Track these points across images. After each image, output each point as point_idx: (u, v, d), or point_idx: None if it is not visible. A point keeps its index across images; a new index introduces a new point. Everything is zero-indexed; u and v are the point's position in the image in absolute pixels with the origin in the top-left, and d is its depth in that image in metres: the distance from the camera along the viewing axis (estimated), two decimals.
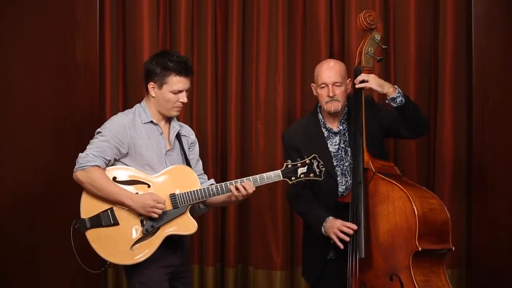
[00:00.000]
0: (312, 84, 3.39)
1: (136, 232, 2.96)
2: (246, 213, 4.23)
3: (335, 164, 3.31)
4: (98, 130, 3.05)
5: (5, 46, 3.95)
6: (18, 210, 3.93)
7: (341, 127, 3.35)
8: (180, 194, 3.00)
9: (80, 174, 2.95)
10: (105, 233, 2.95)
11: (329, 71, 3.28)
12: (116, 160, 3.04)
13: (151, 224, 2.96)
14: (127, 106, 3.92)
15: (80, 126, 3.92)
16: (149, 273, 2.97)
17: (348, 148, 3.32)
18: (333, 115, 3.33)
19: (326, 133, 3.35)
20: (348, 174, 3.30)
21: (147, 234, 2.96)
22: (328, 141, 3.34)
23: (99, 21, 4.02)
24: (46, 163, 3.95)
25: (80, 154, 2.98)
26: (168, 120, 3.15)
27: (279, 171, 3.04)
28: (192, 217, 3.02)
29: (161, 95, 3.06)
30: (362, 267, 3.10)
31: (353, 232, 3.11)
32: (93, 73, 3.98)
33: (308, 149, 3.16)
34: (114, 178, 2.99)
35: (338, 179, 3.31)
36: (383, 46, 3.32)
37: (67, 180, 3.12)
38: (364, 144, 3.19)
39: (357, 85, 3.24)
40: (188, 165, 3.12)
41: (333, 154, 3.32)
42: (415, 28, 4.04)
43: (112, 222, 2.95)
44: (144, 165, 3.04)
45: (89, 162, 2.94)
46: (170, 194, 3.00)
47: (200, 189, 3.01)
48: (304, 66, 4.18)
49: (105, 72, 4.18)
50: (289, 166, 3.04)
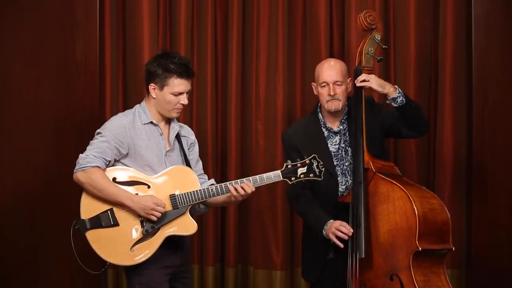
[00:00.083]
0: (313, 83, 3.39)
1: (136, 233, 2.96)
2: (246, 213, 4.23)
3: (335, 164, 3.31)
4: (98, 131, 3.05)
5: (5, 46, 3.95)
6: (18, 210, 3.93)
7: (342, 127, 3.35)
8: (180, 195, 3.00)
9: (80, 175, 2.95)
10: (105, 234, 2.94)
11: (330, 70, 3.28)
12: (116, 161, 3.03)
13: (151, 225, 2.96)
14: (127, 106, 3.93)
15: (80, 126, 3.92)
16: (150, 274, 2.97)
17: (349, 148, 3.32)
18: (334, 115, 3.33)
19: (326, 133, 3.35)
20: (348, 174, 3.30)
21: (147, 235, 2.96)
22: (328, 141, 3.34)
23: (99, 21, 4.02)
24: (46, 163, 3.95)
25: (80, 155, 2.97)
26: (168, 121, 3.15)
27: (279, 172, 3.03)
28: (192, 217, 3.02)
29: (162, 97, 3.05)
30: (362, 267, 3.09)
31: (353, 233, 3.11)
32: (93, 73, 3.98)
33: (308, 149, 3.16)
34: (114, 179, 2.98)
35: (339, 179, 3.30)
36: (383, 46, 3.32)
37: (67, 180, 3.11)
38: (365, 144, 3.19)
39: (358, 84, 3.24)
40: (188, 166, 3.12)
41: (333, 154, 3.32)
42: (415, 28, 4.04)
43: (112, 223, 2.95)
44: (144, 166, 3.03)
45: (89, 163, 2.94)
46: (170, 195, 2.99)
47: (200, 190, 3.00)
48: (304, 66, 4.18)
49: (105, 72, 4.18)
50: (289, 167, 3.03)
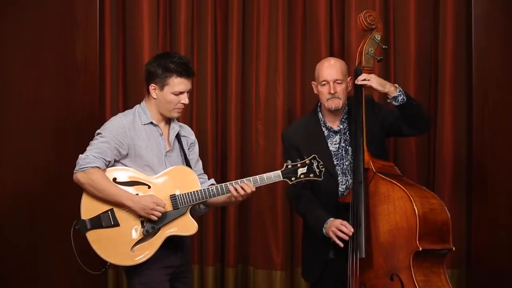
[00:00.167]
0: (313, 82, 3.39)
1: (137, 233, 2.96)
2: (246, 213, 4.22)
3: (335, 163, 3.31)
4: (98, 131, 3.05)
5: (5, 46, 3.95)
6: (18, 210, 3.93)
7: (342, 126, 3.35)
8: (181, 195, 2.99)
9: (80, 176, 2.94)
10: (106, 234, 2.94)
11: (330, 69, 3.28)
12: (116, 161, 3.03)
13: (152, 225, 2.96)
14: (127, 106, 3.93)
15: (80, 126, 3.92)
16: (150, 274, 2.97)
17: (349, 147, 3.32)
18: (334, 114, 3.33)
19: (326, 132, 3.35)
20: (349, 173, 3.30)
21: (148, 235, 2.95)
22: (328, 140, 3.34)
23: (99, 21, 4.01)
24: (46, 163, 3.95)
25: (80, 156, 2.97)
26: (168, 121, 3.14)
27: (279, 172, 3.03)
28: (192, 218, 3.02)
29: (163, 97, 3.05)
30: (362, 267, 3.09)
31: (353, 232, 3.11)
32: (93, 73, 3.98)
33: (308, 148, 3.16)
34: (114, 179, 2.98)
35: (339, 179, 3.30)
36: (383, 46, 3.32)
37: (67, 180, 3.11)
38: (365, 144, 3.19)
39: (359, 83, 3.24)
40: (188, 166, 3.12)
41: (333, 153, 3.32)
42: (415, 28, 4.04)
43: (113, 223, 2.95)
44: (144, 166, 3.03)
45: (89, 164, 2.93)
46: (171, 195, 2.99)
47: (200, 190, 3.00)
48: (304, 66, 4.18)
49: (105, 72, 4.18)
50: (289, 167, 3.03)
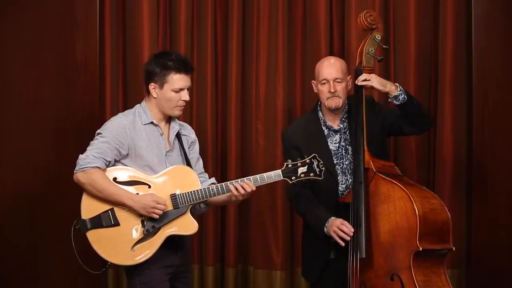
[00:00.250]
0: (313, 81, 3.39)
1: (137, 233, 2.96)
2: (246, 213, 4.22)
3: (335, 163, 3.31)
4: (98, 131, 3.05)
5: (5, 46, 3.95)
6: (18, 210, 3.93)
7: (342, 125, 3.35)
8: (181, 194, 2.99)
9: (81, 176, 2.94)
10: (106, 234, 2.94)
11: (330, 68, 3.28)
12: (116, 161, 3.03)
13: (152, 225, 2.96)
14: (127, 106, 3.93)
15: (80, 126, 3.92)
16: (150, 274, 2.97)
17: (349, 147, 3.31)
18: (334, 113, 3.33)
19: (326, 131, 3.35)
20: (349, 173, 3.30)
21: (148, 235, 2.95)
22: (328, 139, 3.34)
23: (99, 21, 4.02)
24: (46, 163, 3.95)
25: (80, 156, 2.97)
26: (168, 121, 3.14)
27: (279, 171, 3.03)
28: (193, 217, 3.02)
29: (163, 95, 3.05)
30: (363, 267, 3.09)
31: (354, 232, 3.10)
32: (93, 73, 3.98)
33: (308, 148, 3.16)
34: (115, 179, 2.98)
35: (339, 178, 3.30)
36: (384, 46, 3.32)
37: (67, 180, 3.11)
38: (365, 144, 3.19)
39: (359, 83, 3.25)
40: (188, 165, 3.12)
41: (333, 152, 3.32)
42: (415, 28, 4.04)
43: (113, 223, 2.95)
44: (144, 166, 3.03)
45: (90, 164, 2.93)
46: (171, 195, 2.99)
47: (201, 189, 3.00)
48: (304, 66, 4.18)
49: (105, 72, 4.18)
50: (289, 166, 3.03)
